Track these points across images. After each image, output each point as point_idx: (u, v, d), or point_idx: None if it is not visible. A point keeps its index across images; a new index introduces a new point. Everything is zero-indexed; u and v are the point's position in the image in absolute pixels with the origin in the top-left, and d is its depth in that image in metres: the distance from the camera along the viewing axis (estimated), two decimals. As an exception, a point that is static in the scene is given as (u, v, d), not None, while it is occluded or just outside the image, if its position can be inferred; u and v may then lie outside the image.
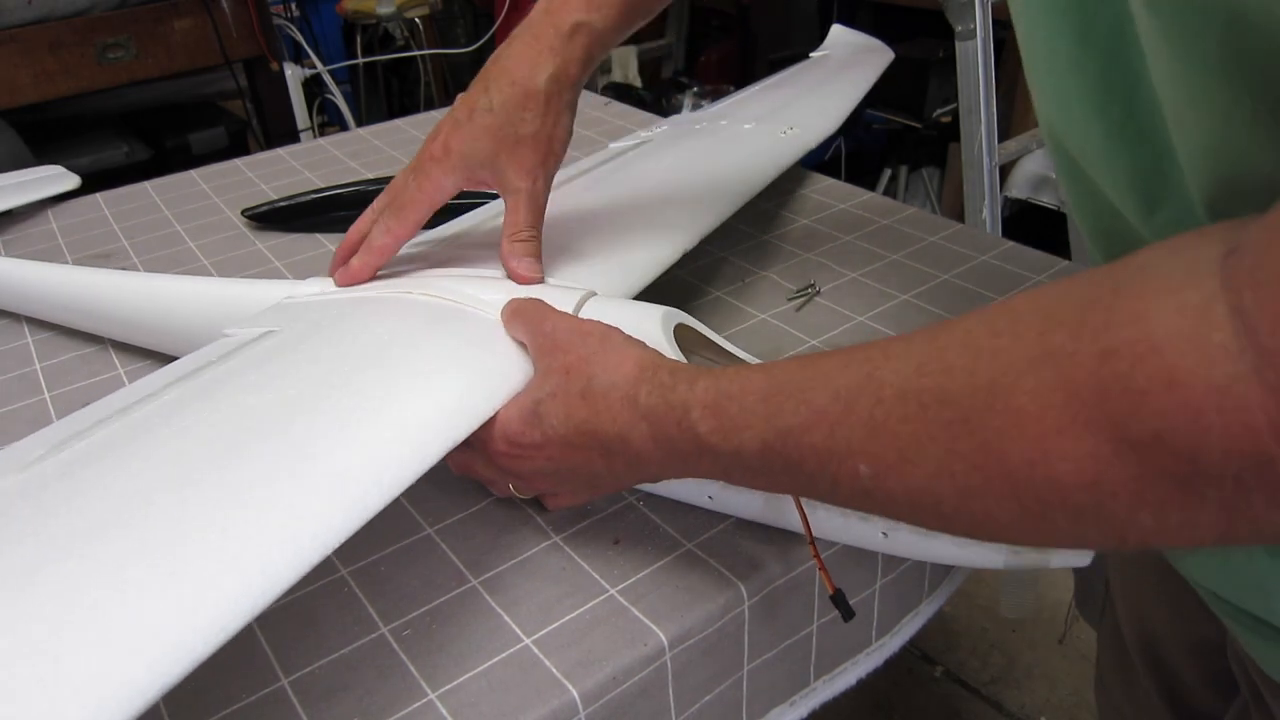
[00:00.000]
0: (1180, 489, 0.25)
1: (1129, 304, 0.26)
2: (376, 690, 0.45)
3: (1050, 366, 0.28)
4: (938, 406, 0.31)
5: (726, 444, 0.38)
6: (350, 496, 0.40)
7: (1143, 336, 0.25)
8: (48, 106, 1.77)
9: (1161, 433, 0.25)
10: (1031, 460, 0.28)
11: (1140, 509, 0.26)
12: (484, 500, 0.56)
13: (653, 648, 0.47)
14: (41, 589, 0.35)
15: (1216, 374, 0.24)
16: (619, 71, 2.77)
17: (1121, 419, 0.26)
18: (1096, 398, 0.26)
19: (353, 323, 0.55)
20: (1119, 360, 0.26)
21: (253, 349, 0.53)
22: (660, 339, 0.49)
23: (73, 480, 0.42)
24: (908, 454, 0.31)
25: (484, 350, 0.50)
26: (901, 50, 1.08)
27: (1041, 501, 0.28)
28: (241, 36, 1.93)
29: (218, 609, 0.34)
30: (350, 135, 1.16)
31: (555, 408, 0.45)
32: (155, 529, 0.38)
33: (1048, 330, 0.28)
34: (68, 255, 0.90)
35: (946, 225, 0.84)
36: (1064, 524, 0.28)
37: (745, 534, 0.53)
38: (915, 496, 0.32)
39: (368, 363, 0.49)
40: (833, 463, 0.34)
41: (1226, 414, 0.24)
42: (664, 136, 0.89)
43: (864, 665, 0.58)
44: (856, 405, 0.33)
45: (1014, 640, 1.47)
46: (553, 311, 0.50)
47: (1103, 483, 0.26)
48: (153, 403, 0.48)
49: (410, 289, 0.58)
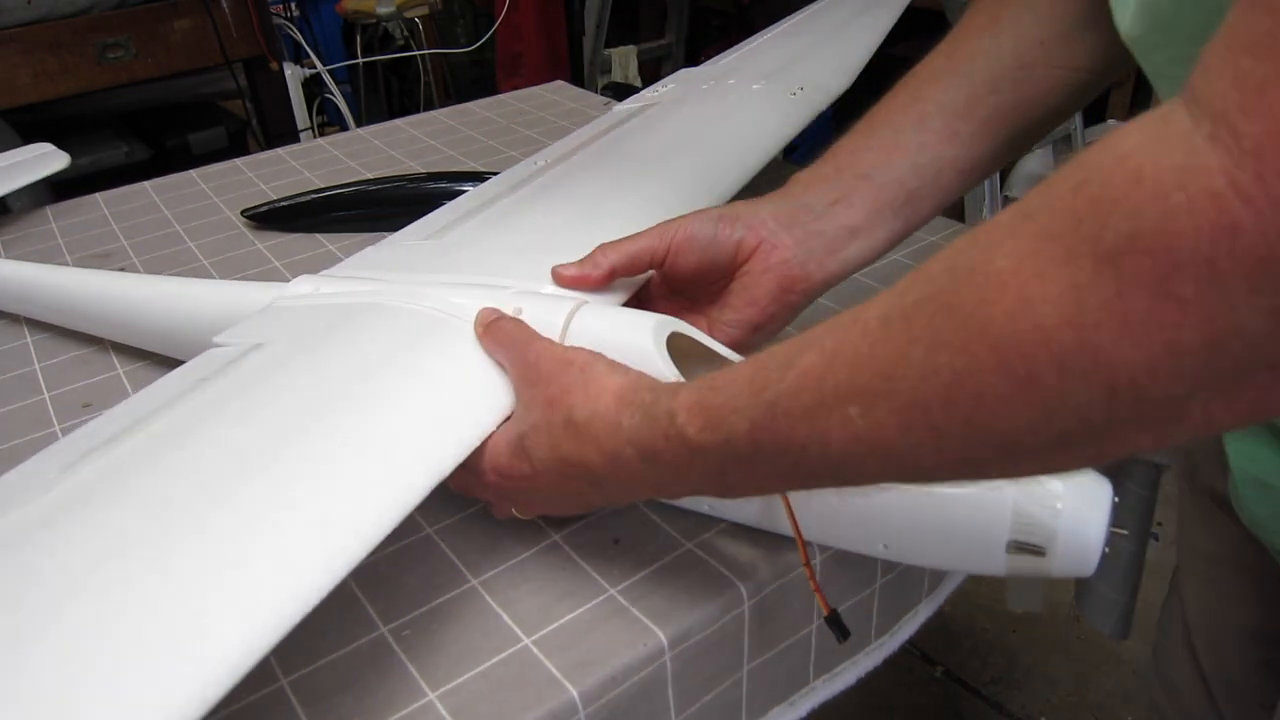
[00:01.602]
0: (1159, 296, 0.25)
1: (1098, 150, 0.27)
2: (376, 690, 0.45)
3: (1028, 223, 0.28)
4: (918, 311, 0.31)
5: (715, 437, 0.37)
6: (334, 544, 0.40)
7: (1112, 158, 0.26)
8: (48, 106, 1.77)
9: (1134, 232, 0.25)
10: (1014, 313, 0.27)
11: (1123, 338, 0.26)
12: (483, 501, 0.56)
13: (652, 648, 0.47)
14: (33, 649, 0.34)
15: (1178, 154, 0.24)
16: (619, 71, 2.77)
17: (1096, 234, 0.26)
18: (1071, 226, 0.26)
19: (339, 341, 0.54)
20: (1090, 184, 0.26)
21: (239, 369, 0.52)
22: (651, 350, 0.48)
23: (56, 530, 0.41)
24: (893, 372, 0.31)
25: (473, 372, 0.50)
26: (901, 50, 1.07)
27: (1027, 358, 0.27)
28: (241, 36, 1.92)
29: (220, 655, 0.34)
30: (350, 135, 1.16)
31: (540, 440, 0.45)
32: (144, 577, 0.37)
33: (1024, 201, 0.29)
34: (67, 255, 0.90)
35: (946, 225, 0.84)
36: (1051, 380, 0.27)
37: (745, 534, 0.53)
38: (905, 416, 0.31)
39: (355, 391, 0.48)
40: (821, 418, 0.33)
41: (1189, 188, 0.24)
42: (671, 98, 0.86)
43: (863, 665, 0.58)
44: (842, 350, 0.33)
45: (1014, 640, 1.47)
46: (536, 339, 0.49)
47: (1084, 313, 0.26)
48: (140, 433, 0.47)
49: (398, 297, 0.57)
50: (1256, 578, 0.59)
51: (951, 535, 0.46)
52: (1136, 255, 0.25)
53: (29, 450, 0.63)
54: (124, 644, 0.35)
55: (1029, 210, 0.28)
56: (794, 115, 0.80)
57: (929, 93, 0.56)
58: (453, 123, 1.17)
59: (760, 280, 0.55)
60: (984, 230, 0.30)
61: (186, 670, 0.34)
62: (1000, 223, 0.29)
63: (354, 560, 0.39)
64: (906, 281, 0.32)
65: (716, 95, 0.85)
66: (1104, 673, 1.41)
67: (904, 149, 0.56)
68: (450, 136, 1.12)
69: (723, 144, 0.76)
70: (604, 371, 0.44)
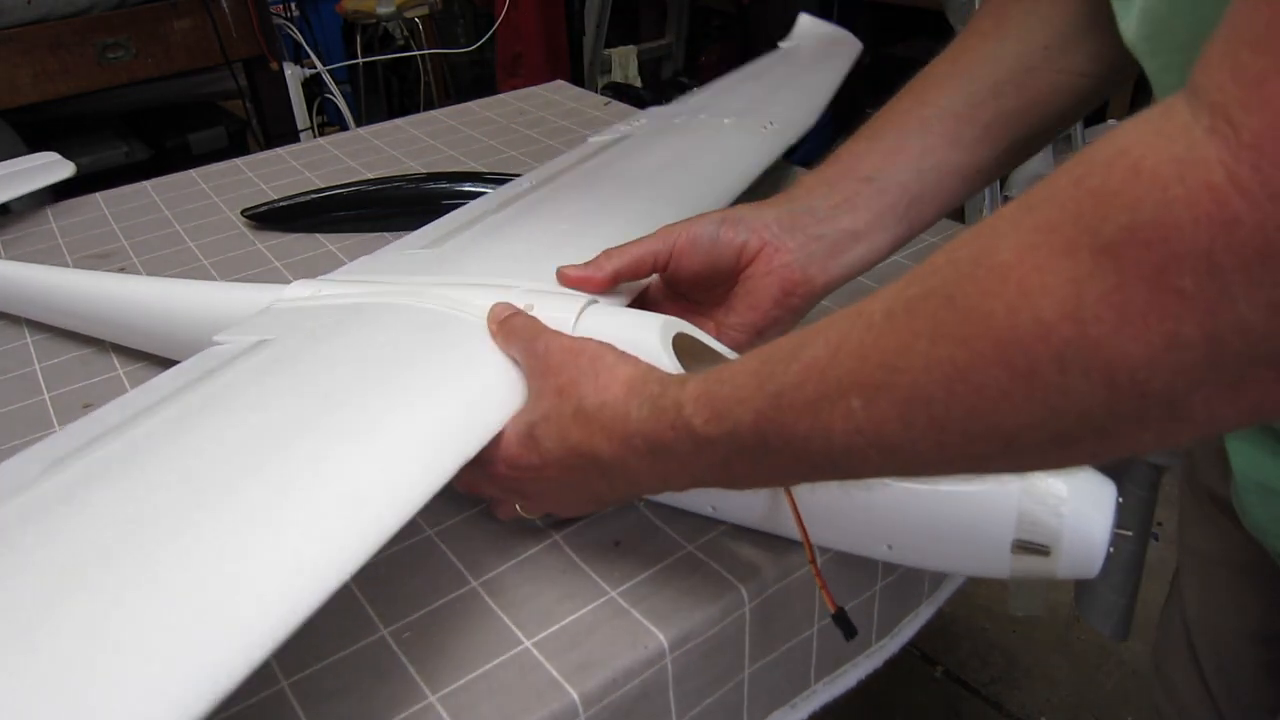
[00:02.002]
0: (1158, 289, 0.25)
1: (1099, 145, 0.27)
2: (376, 693, 0.45)
3: (1030, 215, 0.28)
4: (921, 303, 0.31)
5: (721, 428, 0.38)
6: (365, 518, 0.39)
7: (1113, 151, 0.26)
8: (48, 106, 1.77)
9: (1132, 225, 0.25)
10: (1014, 306, 0.27)
11: (1122, 331, 0.26)
12: (484, 502, 0.56)
13: (653, 650, 0.47)
14: (51, 624, 0.34)
15: (1177, 147, 0.24)
16: (619, 71, 2.77)
17: (1095, 226, 0.26)
18: (1072, 219, 0.27)
19: (349, 334, 0.54)
20: (1091, 177, 0.26)
21: (250, 360, 0.52)
22: (658, 349, 0.48)
23: (74, 505, 0.41)
24: (896, 364, 0.31)
25: (484, 365, 0.50)
26: (901, 50, 1.08)
27: (1027, 353, 0.27)
28: (241, 36, 1.92)
29: (237, 644, 0.34)
30: (350, 135, 1.16)
31: (549, 430, 0.45)
32: (168, 556, 0.37)
33: (1027, 195, 0.29)
34: (67, 255, 0.90)
35: (947, 225, 0.84)
36: (1051, 375, 0.27)
37: (746, 537, 0.53)
38: (906, 409, 0.31)
39: (366, 385, 0.48)
40: (824, 410, 0.33)
41: (1188, 180, 0.24)
42: (643, 132, 0.87)
43: (864, 666, 0.58)
44: (846, 342, 0.33)
45: (1014, 640, 1.47)
46: (545, 330, 0.49)
47: (1083, 306, 0.26)
48: (151, 419, 0.47)
49: (403, 296, 0.57)
50: (1256, 579, 0.59)
51: (956, 535, 0.46)
52: (1135, 247, 0.25)
53: (29, 451, 0.63)
54: (123, 643, 0.34)
55: (1031, 203, 0.29)
56: (766, 147, 0.81)
57: (933, 97, 0.56)
58: (453, 123, 1.17)
59: (763, 283, 0.55)
60: (988, 223, 0.30)
61: (187, 671, 0.33)
62: (1004, 215, 0.29)
63: (368, 553, 0.39)
64: (911, 274, 0.32)
65: (690, 130, 0.87)
66: (1104, 673, 1.41)
67: (907, 153, 0.56)
68: (450, 136, 1.12)
69: (701, 171, 0.78)
70: (613, 362, 0.45)
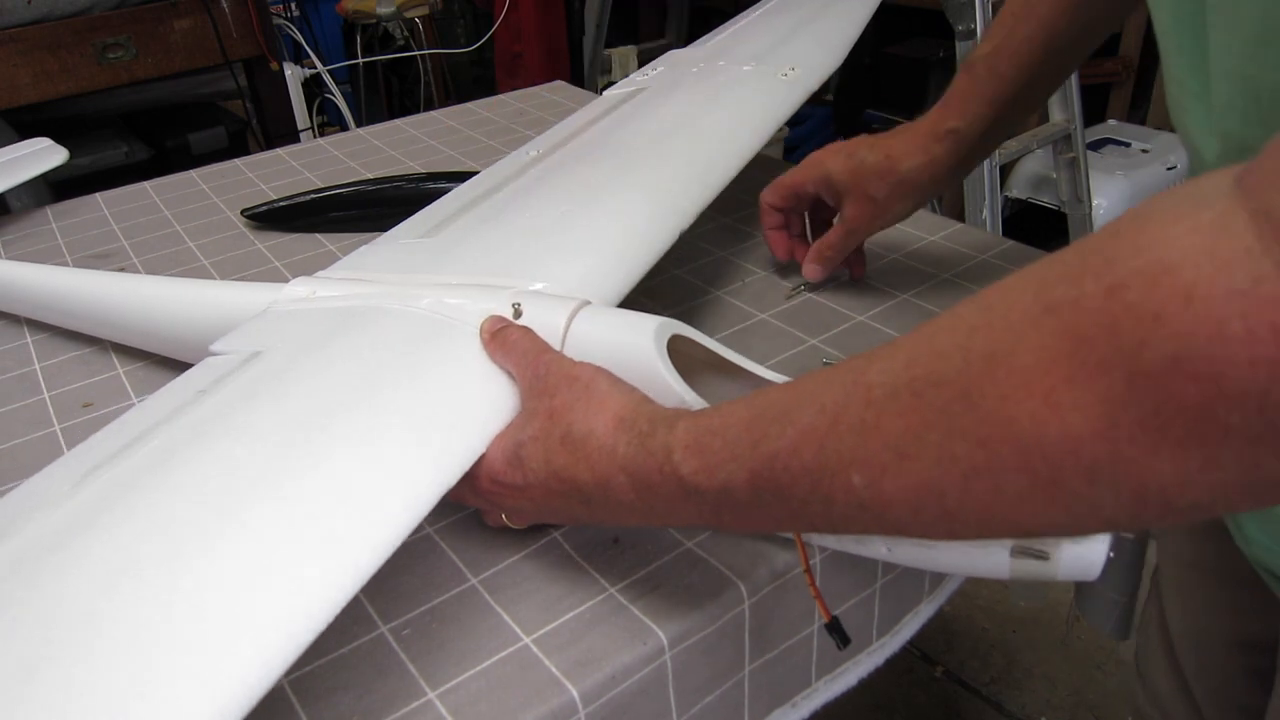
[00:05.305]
0: (1200, 422, 0.23)
1: (1132, 240, 0.25)
2: (375, 689, 0.45)
3: (1052, 318, 0.26)
4: (932, 391, 0.29)
5: (711, 482, 0.37)
6: (344, 561, 0.39)
7: (1153, 262, 0.24)
8: (48, 106, 1.77)
9: (1179, 356, 0.23)
10: (1040, 418, 0.26)
11: (1158, 453, 0.24)
12: (484, 500, 0.56)
13: (653, 647, 0.47)
14: (37, 686, 0.34)
15: (1238, 278, 0.22)
16: (619, 71, 2.77)
17: (1134, 350, 0.24)
18: (1106, 335, 0.25)
19: (339, 348, 0.53)
20: (1128, 291, 0.24)
21: (239, 380, 0.51)
22: (653, 353, 0.48)
23: (61, 554, 0.41)
24: (904, 449, 0.30)
25: (474, 379, 0.49)
26: (901, 50, 1.08)
27: (1053, 464, 0.26)
28: (241, 36, 1.92)
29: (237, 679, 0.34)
30: (350, 135, 1.16)
31: (536, 451, 0.45)
32: (153, 600, 0.37)
33: (1045, 288, 0.27)
34: (67, 255, 0.90)
35: (946, 225, 0.84)
36: (1078, 487, 0.26)
37: (745, 535, 0.53)
38: (915, 495, 0.30)
39: (358, 400, 0.48)
40: (824, 480, 0.32)
41: (1251, 317, 0.22)
42: (661, 81, 0.85)
43: (865, 665, 0.58)
44: (845, 414, 0.32)
45: (1014, 640, 1.47)
46: (546, 350, 0.49)
47: (1118, 427, 0.25)
48: (142, 450, 0.47)
49: (395, 300, 0.56)
50: (1236, 586, 0.59)
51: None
52: (1181, 379, 0.23)
53: (29, 450, 0.63)
54: (136, 670, 0.35)
55: (1052, 302, 0.26)
56: (787, 97, 0.79)
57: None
58: (453, 123, 1.17)
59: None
60: (998, 311, 0.28)
61: (201, 693, 0.34)
62: (1017, 306, 0.28)
63: (367, 574, 0.39)
64: (910, 347, 0.31)
65: (707, 78, 0.83)
66: (1104, 673, 1.41)
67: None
68: (450, 136, 1.12)
69: (718, 128, 0.75)
70: (606, 390, 0.44)
